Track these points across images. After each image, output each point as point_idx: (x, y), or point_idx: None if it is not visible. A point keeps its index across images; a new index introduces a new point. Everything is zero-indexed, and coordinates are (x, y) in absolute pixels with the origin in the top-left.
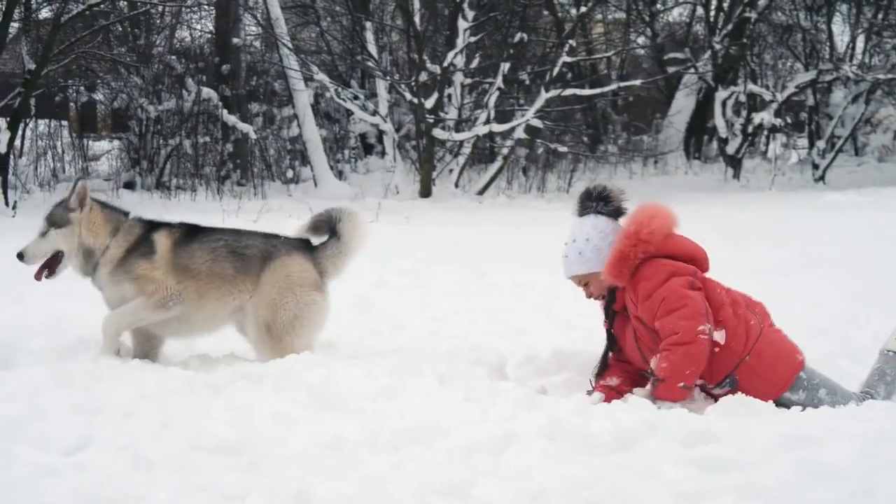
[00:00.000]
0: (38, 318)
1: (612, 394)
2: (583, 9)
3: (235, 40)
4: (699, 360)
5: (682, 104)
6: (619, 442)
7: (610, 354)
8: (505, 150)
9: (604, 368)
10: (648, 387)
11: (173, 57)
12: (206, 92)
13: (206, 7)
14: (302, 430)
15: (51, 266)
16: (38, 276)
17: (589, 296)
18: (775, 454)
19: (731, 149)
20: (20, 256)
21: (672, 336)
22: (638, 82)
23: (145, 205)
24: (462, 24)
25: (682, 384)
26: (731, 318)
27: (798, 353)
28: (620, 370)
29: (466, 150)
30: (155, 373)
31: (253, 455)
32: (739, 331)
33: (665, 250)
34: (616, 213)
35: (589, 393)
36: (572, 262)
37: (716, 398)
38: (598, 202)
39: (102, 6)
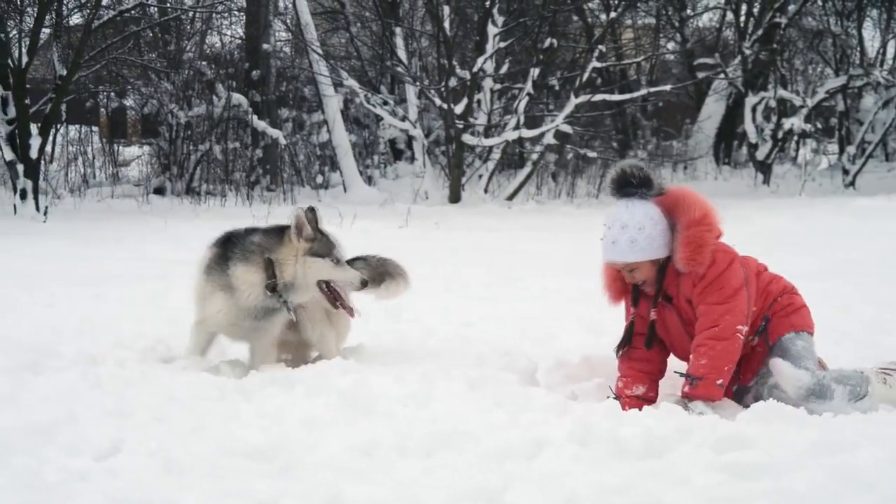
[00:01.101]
0: (70, 323)
1: (641, 404)
2: (612, 14)
3: (265, 46)
4: (735, 357)
5: (712, 109)
6: (650, 448)
7: (629, 349)
8: (534, 156)
9: (626, 343)
10: (684, 389)
11: (203, 63)
12: (236, 97)
13: (236, 13)
14: (333, 434)
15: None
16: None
17: (632, 281)
18: (807, 460)
19: (760, 154)
20: (364, 284)
21: (711, 329)
22: (668, 88)
23: (175, 211)
24: (492, 30)
25: (720, 381)
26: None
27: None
28: (645, 376)
29: (496, 155)
30: (186, 377)
31: (284, 460)
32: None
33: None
34: (658, 195)
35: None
36: (623, 249)
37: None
38: (641, 187)
39: (133, 12)
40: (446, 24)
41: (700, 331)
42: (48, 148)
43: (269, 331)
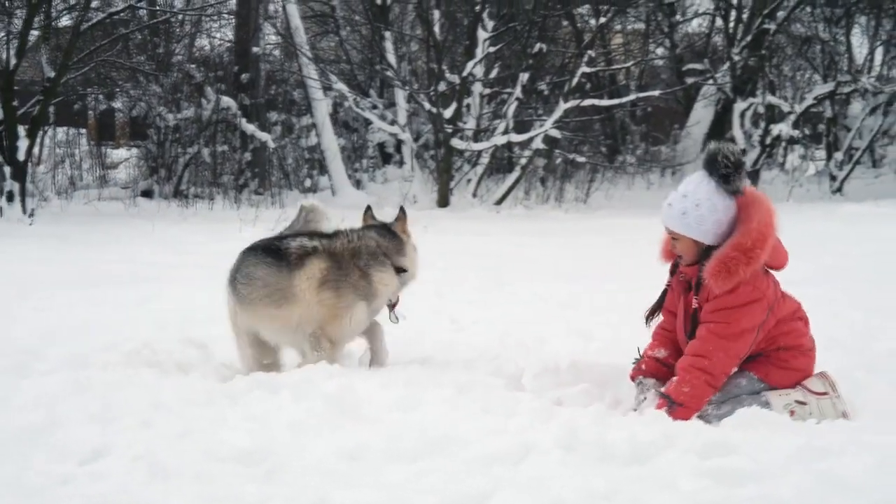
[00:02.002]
0: (56, 326)
1: (659, 367)
2: (602, 19)
3: (255, 49)
4: (715, 391)
5: (701, 115)
6: (637, 453)
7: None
8: (523, 161)
9: (657, 309)
10: (663, 409)
11: (192, 65)
12: (225, 101)
13: (225, 16)
14: (320, 439)
15: None
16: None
17: (673, 250)
18: (793, 466)
19: (748, 160)
20: None
21: (701, 358)
22: (656, 93)
23: (163, 214)
24: (481, 35)
25: (697, 413)
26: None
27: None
28: (668, 341)
29: (484, 159)
30: (172, 382)
31: (271, 464)
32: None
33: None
34: (733, 192)
35: (635, 362)
36: (673, 215)
37: None
38: (721, 178)
39: (122, 15)
40: (436, 29)
41: (691, 352)
42: (36, 150)
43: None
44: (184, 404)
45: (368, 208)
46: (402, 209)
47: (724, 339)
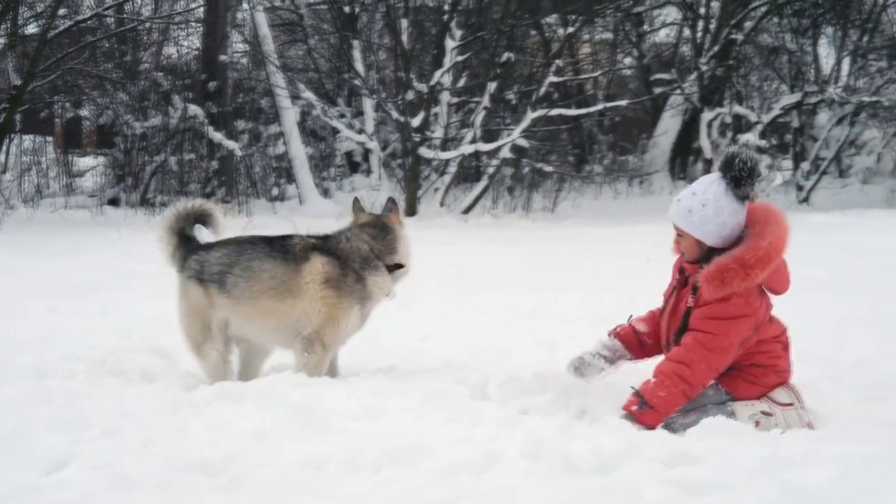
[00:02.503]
0: (21, 335)
1: (634, 339)
2: (570, 29)
3: (222, 57)
4: (688, 401)
5: (668, 125)
6: (601, 463)
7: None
8: (491, 170)
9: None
10: (633, 408)
11: (160, 73)
12: (193, 109)
13: (193, 24)
14: (284, 449)
15: None
16: None
17: (678, 245)
18: (757, 476)
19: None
20: None
21: (683, 367)
22: (624, 103)
23: (129, 222)
24: (449, 44)
25: (665, 419)
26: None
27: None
28: (655, 324)
29: (452, 168)
30: (136, 391)
31: (234, 474)
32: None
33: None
34: (742, 198)
35: (610, 333)
36: (679, 211)
37: None
38: (732, 181)
39: (89, 22)
40: (404, 38)
41: (675, 358)
42: (2, 158)
43: None
44: (148, 414)
45: (357, 200)
46: (391, 199)
47: (709, 351)
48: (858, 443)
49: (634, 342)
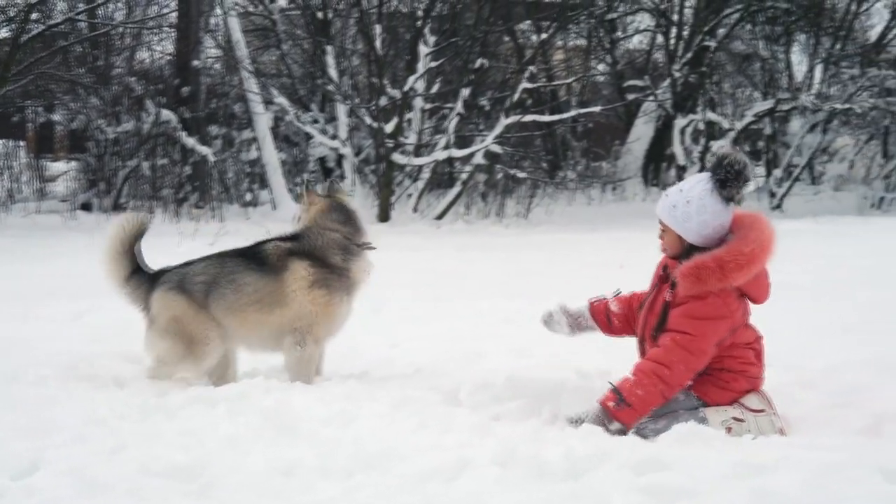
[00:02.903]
0: (0, 340)
1: (604, 316)
2: (543, 35)
3: (195, 62)
4: (664, 402)
5: (641, 131)
6: (572, 469)
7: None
8: (464, 176)
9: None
10: (610, 403)
11: (133, 78)
12: (165, 114)
13: (166, 29)
14: (255, 455)
15: None
16: None
17: (661, 239)
18: (727, 482)
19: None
20: None
21: (663, 367)
22: (597, 109)
23: (102, 227)
24: (423, 49)
25: (639, 417)
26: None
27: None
28: (626, 310)
29: (426, 174)
30: (107, 396)
31: (205, 480)
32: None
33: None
34: (727, 199)
35: (590, 300)
36: (664, 205)
37: None
38: (717, 182)
39: (62, 27)
40: (378, 43)
41: (654, 358)
42: None
43: None
44: (119, 419)
45: (307, 184)
46: (331, 181)
47: (689, 353)
48: (829, 449)
49: (603, 319)
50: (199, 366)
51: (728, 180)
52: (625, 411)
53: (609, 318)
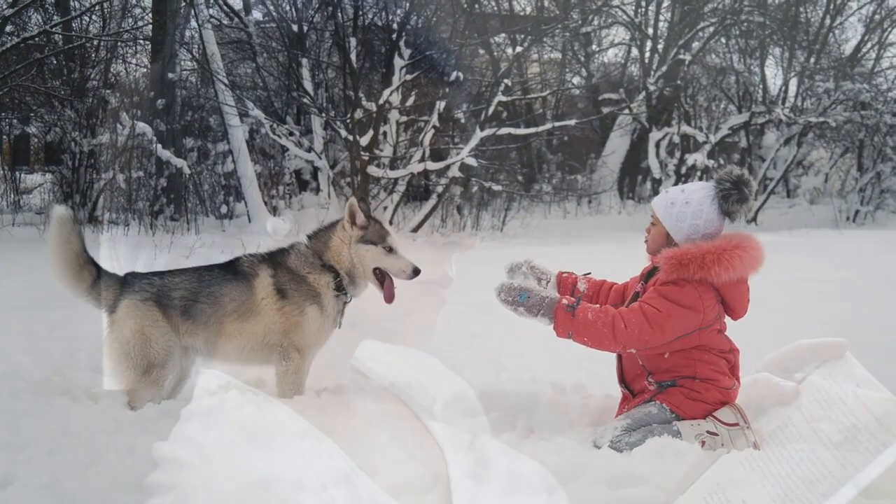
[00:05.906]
0: None
1: (569, 283)
2: (518, 48)
3: (171, 75)
4: (602, 350)
5: (617, 144)
6: (546, 483)
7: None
8: (439, 188)
9: None
10: (564, 302)
11: (108, 91)
12: (141, 126)
13: (141, 42)
14: (229, 469)
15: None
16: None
17: (647, 231)
18: (701, 497)
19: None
20: (417, 272)
21: (620, 318)
22: (573, 122)
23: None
24: (398, 62)
25: (570, 332)
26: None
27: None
28: (594, 293)
29: (401, 187)
30: (81, 410)
31: (178, 494)
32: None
33: (718, 285)
34: (726, 213)
35: (560, 272)
36: (661, 200)
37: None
38: (721, 193)
39: (37, 39)
40: (353, 56)
41: (622, 313)
42: None
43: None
44: (93, 433)
45: (363, 199)
46: (360, 198)
47: (648, 323)
48: (802, 462)
49: (568, 293)
50: (150, 387)
51: (731, 195)
52: (567, 320)
53: (574, 294)
